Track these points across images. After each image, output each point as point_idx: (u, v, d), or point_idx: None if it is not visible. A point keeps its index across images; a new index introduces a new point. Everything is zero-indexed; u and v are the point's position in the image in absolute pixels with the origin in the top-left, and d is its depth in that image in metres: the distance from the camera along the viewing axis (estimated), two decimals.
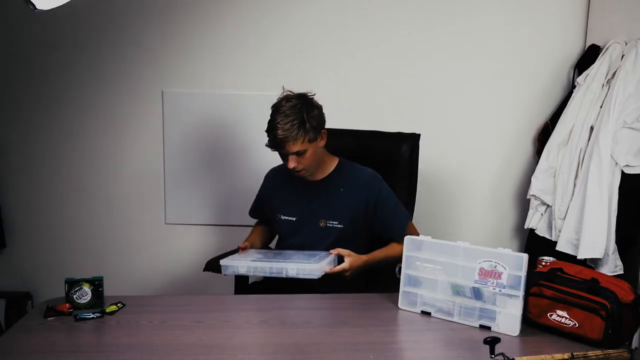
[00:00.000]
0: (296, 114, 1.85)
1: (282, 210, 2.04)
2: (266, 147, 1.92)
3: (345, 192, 1.98)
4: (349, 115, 2.44)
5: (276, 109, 1.88)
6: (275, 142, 1.86)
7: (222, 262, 1.84)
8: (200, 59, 2.67)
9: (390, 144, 2.25)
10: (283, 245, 2.08)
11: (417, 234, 2.00)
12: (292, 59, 2.67)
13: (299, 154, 1.88)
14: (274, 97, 1.93)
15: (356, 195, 1.97)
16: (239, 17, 2.64)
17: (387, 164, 2.18)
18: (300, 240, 2.01)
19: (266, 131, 1.89)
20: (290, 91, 1.92)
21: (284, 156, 1.91)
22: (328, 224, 1.97)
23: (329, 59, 2.68)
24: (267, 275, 1.81)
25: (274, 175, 2.14)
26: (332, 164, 2.02)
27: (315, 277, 1.75)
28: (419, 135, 2.23)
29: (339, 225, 1.97)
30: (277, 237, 2.18)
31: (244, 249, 1.98)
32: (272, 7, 2.64)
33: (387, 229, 2.02)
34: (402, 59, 2.68)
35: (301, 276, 1.75)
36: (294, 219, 2.01)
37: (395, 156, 2.21)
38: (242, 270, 1.82)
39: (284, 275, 1.77)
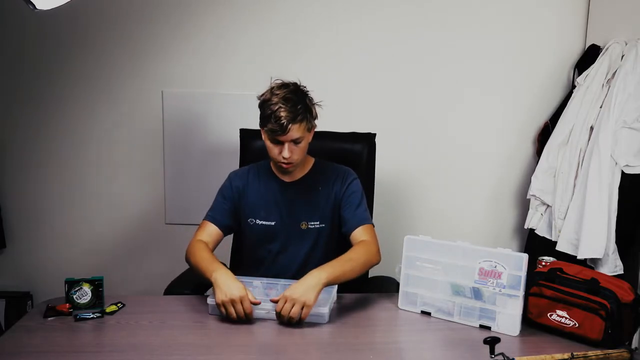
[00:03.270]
0: (298, 98, 1.73)
1: (257, 215, 1.89)
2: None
3: (323, 189, 1.90)
4: (357, 118, 2.46)
5: (272, 94, 1.73)
6: (278, 125, 1.69)
7: (210, 300, 1.63)
8: (201, 59, 2.67)
9: (342, 143, 2.16)
10: (259, 252, 1.94)
11: (375, 240, 1.84)
12: (293, 58, 2.66)
13: (296, 142, 1.75)
14: None
15: (332, 191, 1.89)
16: (239, 17, 2.64)
17: (345, 163, 2.04)
18: (280, 244, 1.90)
19: (263, 118, 1.75)
20: (281, 79, 1.79)
21: (278, 145, 1.76)
22: (310, 225, 1.89)
23: (336, 57, 2.67)
24: (264, 317, 1.61)
25: (241, 177, 1.95)
26: (309, 163, 1.94)
27: (323, 322, 1.60)
28: (374, 134, 2.16)
29: (320, 225, 1.88)
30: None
31: None
32: (272, 7, 2.64)
33: (346, 218, 1.87)
34: (401, 60, 2.68)
35: (307, 320, 1.59)
36: (273, 223, 1.89)
37: (352, 156, 2.12)
38: None
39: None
